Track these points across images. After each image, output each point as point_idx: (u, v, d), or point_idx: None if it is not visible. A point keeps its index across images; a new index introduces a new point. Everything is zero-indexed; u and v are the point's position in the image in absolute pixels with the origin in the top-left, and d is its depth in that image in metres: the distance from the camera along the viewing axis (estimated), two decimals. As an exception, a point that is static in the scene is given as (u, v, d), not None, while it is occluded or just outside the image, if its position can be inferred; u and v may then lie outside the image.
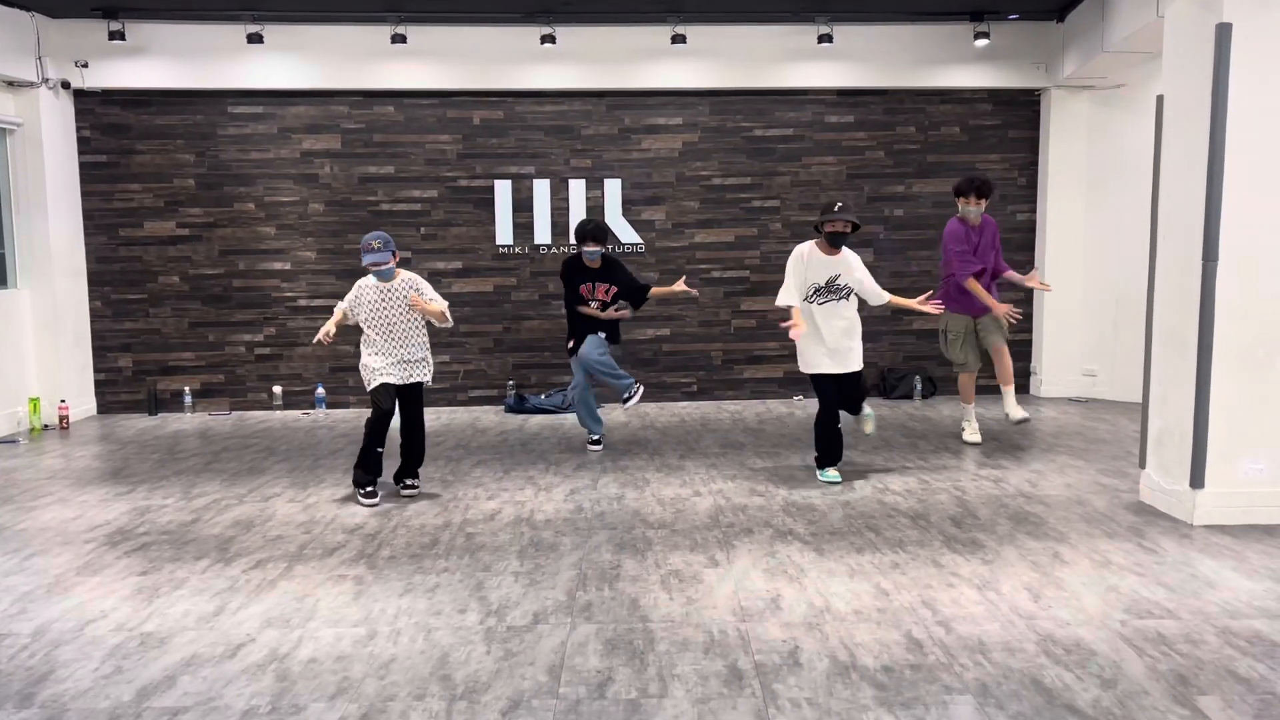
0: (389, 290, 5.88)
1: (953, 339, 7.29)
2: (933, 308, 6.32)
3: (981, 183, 7.09)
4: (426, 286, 6.00)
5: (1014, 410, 7.21)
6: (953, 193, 7.24)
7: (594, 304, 7.12)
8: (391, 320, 5.88)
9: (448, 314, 5.94)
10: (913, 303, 6.35)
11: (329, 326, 5.88)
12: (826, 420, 6.21)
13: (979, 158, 9.48)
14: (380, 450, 5.90)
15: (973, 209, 7.07)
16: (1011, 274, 7.33)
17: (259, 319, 9.27)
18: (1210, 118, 4.99)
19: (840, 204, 6.03)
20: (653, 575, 4.46)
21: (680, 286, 7.22)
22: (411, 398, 6.00)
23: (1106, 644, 3.64)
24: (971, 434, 7.39)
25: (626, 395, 7.04)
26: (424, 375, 6.01)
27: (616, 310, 7.19)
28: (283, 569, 4.61)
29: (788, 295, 6.07)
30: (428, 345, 6.06)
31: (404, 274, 5.96)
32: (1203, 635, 3.71)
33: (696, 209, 9.42)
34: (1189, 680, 3.34)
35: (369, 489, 5.85)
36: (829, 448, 6.26)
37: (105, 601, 4.21)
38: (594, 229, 6.99)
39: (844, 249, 6.14)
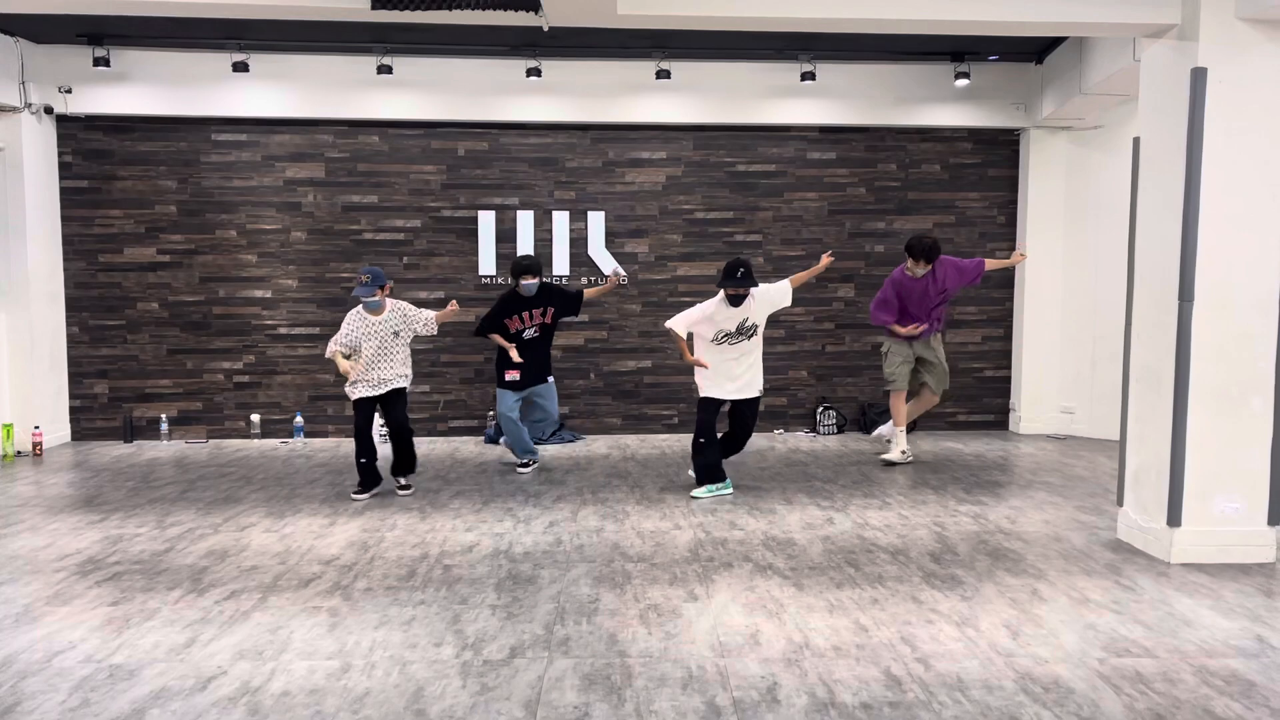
0: (376, 324, 6.55)
1: (891, 357, 7.95)
2: (826, 259, 7.08)
3: (929, 245, 7.56)
4: (413, 312, 6.69)
5: (892, 450, 7.91)
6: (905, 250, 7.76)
7: (527, 332, 7.47)
8: (377, 348, 6.55)
9: (448, 313, 6.69)
10: (813, 271, 7.11)
11: (345, 367, 6.44)
12: (705, 442, 6.68)
13: (959, 195, 9.59)
14: (364, 461, 6.65)
15: (919, 270, 7.63)
16: (995, 262, 7.86)
17: (238, 347, 9.22)
18: (1185, 160, 5.07)
19: (742, 269, 6.49)
20: (631, 609, 4.43)
21: (610, 284, 7.76)
22: (393, 401, 6.62)
23: (1084, 682, 3.63)
24: (894, 454, 7.94)
25: (524, 461, 7.63)
26: (401, 383, 6.66)
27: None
28: (256, 600, 4.55)
29: (677, 324, 6.62)
30: (408, 363, 6.73)
31: (391, 305, 6.64)
32: (1180, 674, 3.72)
33: (679, 242, 9.47)
34: (1166, 719, 3.34)
35: (358, 490, 6.68)
36: (706, 467, 6.73)
37: (74, 632, 4.14)
38: (531, 263, 7.38)
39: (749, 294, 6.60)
